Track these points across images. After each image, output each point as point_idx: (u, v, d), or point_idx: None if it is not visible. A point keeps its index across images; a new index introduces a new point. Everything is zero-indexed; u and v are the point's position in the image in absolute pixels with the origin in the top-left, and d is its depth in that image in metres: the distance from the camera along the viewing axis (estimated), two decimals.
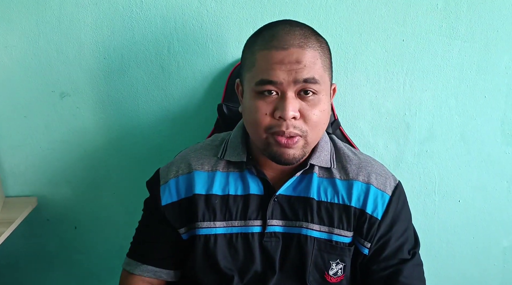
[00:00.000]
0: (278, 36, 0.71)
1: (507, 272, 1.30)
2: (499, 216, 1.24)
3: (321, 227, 0.80)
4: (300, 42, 0.70)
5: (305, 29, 0.73)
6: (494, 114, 1.16)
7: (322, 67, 0.72)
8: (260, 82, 0.71)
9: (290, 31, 0.71)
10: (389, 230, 0.81)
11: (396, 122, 1.17)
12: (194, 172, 0.83)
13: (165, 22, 1.09)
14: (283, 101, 0.70)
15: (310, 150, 0.77)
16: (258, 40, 0.74)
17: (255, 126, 0.74)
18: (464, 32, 1.09)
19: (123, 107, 1.16)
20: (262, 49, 0.72)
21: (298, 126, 0.72)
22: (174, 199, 0.83)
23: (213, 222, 0.81)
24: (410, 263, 0.81)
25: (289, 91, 0.70)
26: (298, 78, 0.69)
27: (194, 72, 1.13)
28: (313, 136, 0.74)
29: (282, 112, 0.70)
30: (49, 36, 1.09)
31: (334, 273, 0.82)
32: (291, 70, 0.69)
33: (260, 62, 0.71)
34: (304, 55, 0.70)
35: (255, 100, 0.73)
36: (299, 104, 0.71)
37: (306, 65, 0.70)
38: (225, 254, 0.81)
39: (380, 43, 1.10)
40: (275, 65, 0.69)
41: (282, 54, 0.69)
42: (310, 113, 0.72)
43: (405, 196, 0.86)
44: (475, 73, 1.12)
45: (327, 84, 0.74)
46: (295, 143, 0.72)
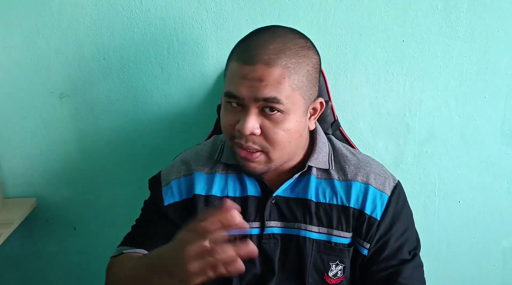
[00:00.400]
0: (250, 49, 0.69)
1: (507, 273, 1.30)
2: (499, 217, 1.24)
3: (320, 229, 0.80)
4: (268, 59, 0.67)
5: (286, 41, 0.70)
6: (494, 115, 1.15)
7: (290, 86, 0.69)
8: (226, 94, 0.72)
9: (264, 44, 0.69)
10: (389, 230, 0.81)
11: (396, 123, 1.17)
12: (194, 172, 0.84)
13: (165, 23, 1.09)
14: (243, 117, 0.70)
15: (277, 164, 0.76)
16: (236, 48, 0.73)
17: (224, 133, 0.76)
18: (464, 33, 1.09)
19: (123, 108, 1.15)
20: (234, 60, 0.71)
21: (257, 142, 0.71)
22: (176, 199, 0.84)
23: None
24: (410, 264, 0.81)
25: (252, 107, 0.69)
26: (258, 97, 0.68)
27: (194, 73, 1.13)
28: (277, 154, 0.73)
29: (240, 127, 0.70)
30: (48, 37, 1.09)
31: (333, 275, 0.82)
32: (252, 87, 0.68)
33: (229, 72, 0.72)
34: (269, 74, 0.67)
35: (225, 110, 0.74)
36: (261, 121, 0.70)
37: (268, 84, 0.67)
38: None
39: (380, 43, 1.10)
40: (239, 79, 0.69)
41: (247, 69, 0.68)
42: (271, 131, 0.70)
43: (404, 195, 0.86)
44: (475, 74, 1.12)
45: (297, 103, 0.71)
46: (255, 157, 0.73)
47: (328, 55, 1.10)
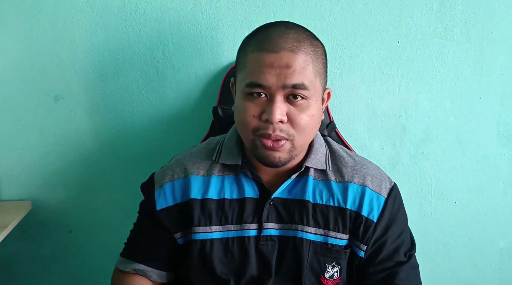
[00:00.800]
0: (271, 38, 0.70)
1: (504, 273, 1.30)
2: (495, 217, 1.25)
3: (316, 230, 0.80)
4: (292, 46, 0.69)
5: (300, 32, 0.72)
6: (489, 116, 1.16)
7: (313, 72, 0.71)
8: (249, 84, 0.71)
9: (284, 34, 0.70)
10: (385, 232, 0.81)
11: (391, 124, 1.17)
12: (190, 176, 0.83)
13: (160, 25, 1.09)
14: (271, 105, 0.70)
15: (297, 153, 0.77)
16: (252, 41, 0.73)
17: (243, 127, 0.75)
18: (459, 34, 1.09)
19: (118, 110, 1.15)
20: (254, 51, 0.71)
21: (285, 130, 0.71)
22: (169, 204, 0.83)
23: (209, 226, 0.81)
24: (406, 265, 0.81)
25: (278, 95, 0.70)
26: (286, 84, 0.69)
27: (189, 75, 1.13)
28: (300, 141, 0.74)
29: (269, 116, 0.70)
30: (43, 39, 1.09)
31: (330, 276, 0.81)
32: (280, 74, 0.69)
33: (251, 64, 0.71)
34: (295, 60, 0.69)
35: (244, 102, 0.73)
36: (287, 108, 0.71)
37: (296, 71, 0.69)
38: (221, 259, 0.81)
39: (375, 45, 1.10)
40: (265, 68, 0.69)
41: (272, 57, 0.69)
42: (298, 118, 0.71)
43: (400, 198, 0.86)
44: (470, 75, 1.12)
45: (318, 90, 0.73)
46: (281, 146, 0.72)
47: None
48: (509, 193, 1.22)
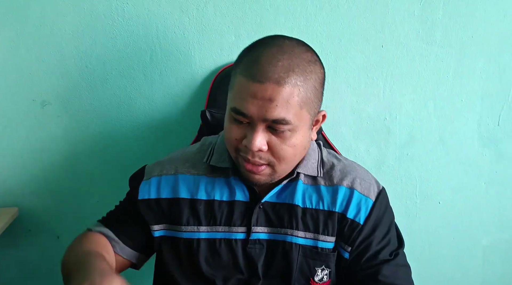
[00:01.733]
0: (259, 64, 0.67)
1: (487, 271, 1.33)
2: (478, 216, 1.28)
3: (306, 234, 0.81)
4: (278, 77, 0.66)
5: (293, 57, 0.68)
6: (470, 117, 1.19)
7: (298, 104, 0.68)
8: (233, 110, 0.70)
9: (273, 60, 0.67)
10: (371, 234, 0.81)
11: (377, 126, 1.19)
12: (179, 175, 0.84)
13: (147, 30, 1.09)
14: (251, 133, 0.70)
15: (280, 176, 0.78)
16: (244, 61, 0.71)
17: (228, 144, 0.76)
18: (440, 38, 1.12)
19: (106, 116, 1.15)
20: (241, 75, 0.69)
21: (264, 158, 0.72)
22: (152, 196, 0.83)
23: (197, 226, 0.81)
24: (391, 262, 0.81)
25: (259, 124, 0.69)
26: (267, 117, 0.68)
27: (177, 80, 1.13)
28: (282, 167, 0.74)
29: (248, 143, 0.70)
30: (29, 44, 1.08)
31: (319, 279, 0.82)
32: (262, 107, 0.67)
33: (237, 88, 0.70)
34: (279, 93, 0.66)
35: (230, 123, 0.73)
36: (268, 137, 0.71)
37: (278, 105, 0.67)
38: (207, 259, 0.81)
39: (359, 49, 1.12)
40: (249, 97, 0.67)
41: (256, 87, 0.67)
42: (279, 148, 0.71)
43: (387, 200, 0.87)
44: (452, 78, 1.15)
45: (304, 119, 0.71)
46: (260, 170, 0.73)
47: None
48: (491, 192, 1.25)
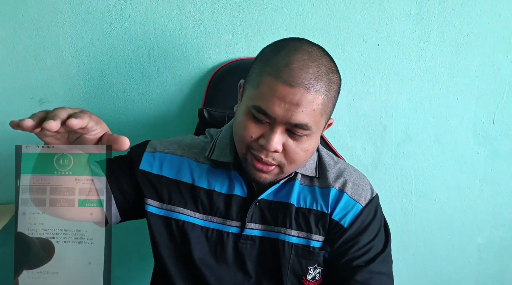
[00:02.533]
0: (291, 69, 0.68)
1: (482, 269, 1.34)
2: (473, 214, 1.29)
3: (299, 233, 0.81)
4: (308, 83, 0.67)
5: (321, 66, 0.69)
6: (466, 116, 1.20)
7: (320, 112, 0.70)
8: (257, 108, 0.70)
9: (305, 67, 0.68)
10: (353, 239, 0.81)
11: (373, 125, 1.20)
12: (185, 158, 0.84)
13: (145, 28, 1.09)
14: (270, 133, 0.70)
15: (283, 176, 0.79)
16: (272, 61, 0.70)
17: (238, 141, 0.76)
18: (436, 37, 1.13)
19: (103, 113, 1.15)
20: (270, 75, 0.69)
21: (276, 159, 0.73)
22: (154, 171, 0.83)
23: (193, 212, 0.82)
24: (366, 269, 0.79)
25: (280, 126, 0.70)
26: (291, 121, 0.69)
27: (174, 78, 1.14)
28: (289, 169, 0.76)
29: (265, 143, 0.70)
30: (27, 42, 1.09)
31: (312, 278, 0.83)
32: (288, 110, 0.68)
33: (264, 87, 0.69)
34: (306, 99, 0.67)
35: (247, 120, 0.73)
36: (285, 139, 0.72)
37: (304, 111, 0.68)
38: (199, 243, 0.82)
39: (356, 48, 1.13)
40: (276, 99, 0.68)
41: (286, 90, 0.67)
42: (292, 150, 0.72)
43: (377, 209, 0.86)
44: (447, 77, 1.16)
45: (320, 127, 0.73)
46: (270, 170, 0.74)
47: None
48: (485, 190, 1.26)
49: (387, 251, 0.83)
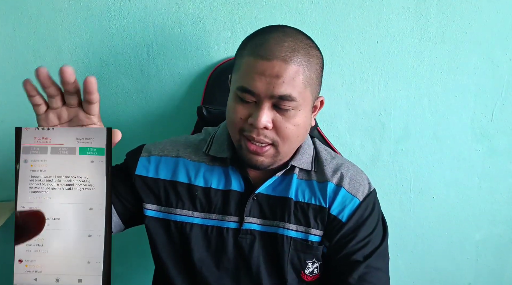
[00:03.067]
0: (266, 45, 0.71)
1: (480, 265, 1.35)
2: (471, 211, 1.29)
3: (297, 227, 0.82)
4: (285, 55, 0.70)
5: (297, 40, 0.72)
6: (464, 113, 1.20)
7: (303, 83, 0.72)
8: (240, 88, 0.73)
9: (280, 41, 0.71)
10: (351, 233, 0.82)
11: (372, 122, 1.20)
12: (180, 158, 0.85)
13: (144, 26, 1.10)
14: (257, 111, 0.72)
15: (282, 158, 0.79)
16: (249, 44, 0.74)
17: (231, 126, 0.77)
18: (434, 35, 1.13)
19: (102, 111, 1.13)
20: (248, 55, 0.72)
21: (269, 136, 0.74)
22: (150, 175, 0.84)
23: (191, 211, 0.83)
24: (363, 264, 0.80)
25: (266, 102, 0.71)
26: (274, 94, 0.70)
27: (174, 75, 1.14)
28: (285, 148, 0.76)
29: (254, 121, 0.72)
30: (26, 40, 1.09)
31: (310, 272, 0.83)
32: (269, 83, 0.70)
33: (244, 68, 0.72)
34: (286, 70, 0.69)
35: (235, 103, 0.75)
36: (273, 115, 0.73)
37: (285, 81, 0.70)
38: (199, 243, 0.82)
39: (354, 45, 1.13)
40: (256, 75, 0.70)
41: (264, 65, 0.70)
42: (283, 126, 0.73)
43: (375, 203, 0.86)
44: (445, 74, 1.16)
45: (307, 100, 0.74)
46: (264, 151, 0.75)
47: None
48: (484, 187, 1.27)
49: (383, 246, 0.83)
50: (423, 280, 1.35)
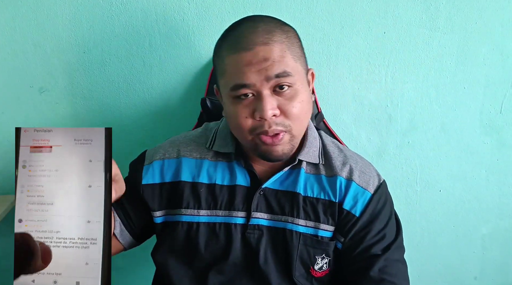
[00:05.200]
0: (242, 37, 0.70)
1: (487, 259, 1.34)
2: (478, 205, 1.28)
3: (307, 222, 0.81)
4: (264, 39, 0.69)
5: (268, 22, 0.72)
6: (473, 105, 1.18)
7: (292, 58, 0.71)
8: (234, 87, 0.71)
9: (253, 29, 0.71)
10: (366, 227, 0.81)
11: (378, 114, 1.18)
12: (182, 158, 0.83)
13: (146, 15, 1.07)
14: (260, 102, 0.70)
15: (298, 141, 0.77)
16: (224, 44, 0.73)
17: (239, 131, 0.75)
18: (443, 24, 1.11)
19: (104, 102, 1.14)
20: (229, 54, 0.71)
21: (280, 123, 0.72)
22: (156, 181, 0.83)
23: (197, 210, 0.81)
24: (382, 257, 0.79)
25: (264, 90, 0.70)
26: (269, 75, 0.69)
27: (177, 66, 1.12)
28: (298, 129, 0.74)
29: (261, 113, 0.70)
30: (25, 30, 1.07)
31: (319, 268, 0.82)
32: (261, 69, 0.69)
33: (229, 67, 0.71)
34: (271, 51, 0.69)
35: (234, 106, 0.73)
36: (276, 101, 0.71)
37: (275, 61, 0.69)
38: (206, 242, 0.81)
39: (361, 35, 1.11)
40: (245, 67, 0.69)
41: (249, 55, 0.69)
42: (290, 107, 0.71)
43: (387, 195, 0.85)
44: (454, 65, 1.14)
45: (301, 74, 0.74)
46: (280, 139, 0.73)
47: (311, 47, 1.11)
48: (491, 180, 1.25)
49: (400, 238, 0.84)
50: (429, 274, 1.34)
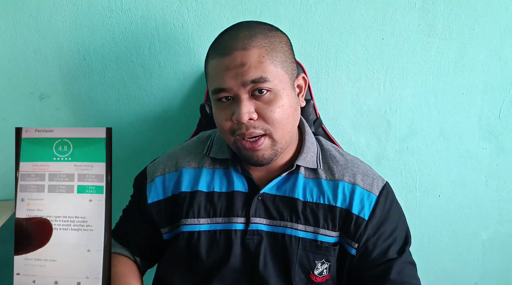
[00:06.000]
0: (223, 42, 0.72)
1: (487, 265, 1.33)
2: (478, 210, 1.27)
3: (306, 227, 0.81)
4: (243, 44, 0.70)
5: (252, 28, 0.73)
6: (471, 111, 1.18)
7: (271, 63, 0.71)
8: (214, 91, 0.73)
9: (235, 35, 0.72)
10: (377, 230, 0.81)
11: (377, 119, 1.18)
12: (181, 169, 0.84)
13: (146, 22, 1.08)
14: (237, 106, 0.71)
15: (282, 147, 0.76)
16: (210, 49, 0.76)
17: (222, 132, 0.77)
18: (441, 31, 1.11)
19: (104, 109, 1.14)
20: (211, 59, 0.74)
21: (258, 126, 0.72)
22: (160, 197, 0.84)
23: (197, 219, 0.81)
24: (399, 260, 0.80)
25: (242, 94, 0.71)
26: (245, 81, 0.70)
27: (176, 72, 1.12)
28: (279, 134, 0.74)
29: (237, 116, 0.71)
30: (26, 37, 1.07)
31: (319, 273, 0.82)
32: (237, 74, 0.70)
33: (212, 71, 0.74)
34: (248, 57, 0.70)
35: (216, 108, 0.75)
36: (254, 105, 0.72)
37: (251, 66, 0.69)
38: (207, 251, 0.81)
39: (360, 41, 1.12)
40: (223, 72, 0.71)
41: (227, 60, 0.70)
42: (268, 111, 0.72)
43: (393, 196, 0.86)
44: (452, 71, 1.15)
45: (283, 79, 0.73)
46: (260, 144, 0.73)
47: (309, 53, 1.11)
48: (490, 185, 1.25)
49: (410, 238, 0.85)
50: (429, 279, 1.34)
